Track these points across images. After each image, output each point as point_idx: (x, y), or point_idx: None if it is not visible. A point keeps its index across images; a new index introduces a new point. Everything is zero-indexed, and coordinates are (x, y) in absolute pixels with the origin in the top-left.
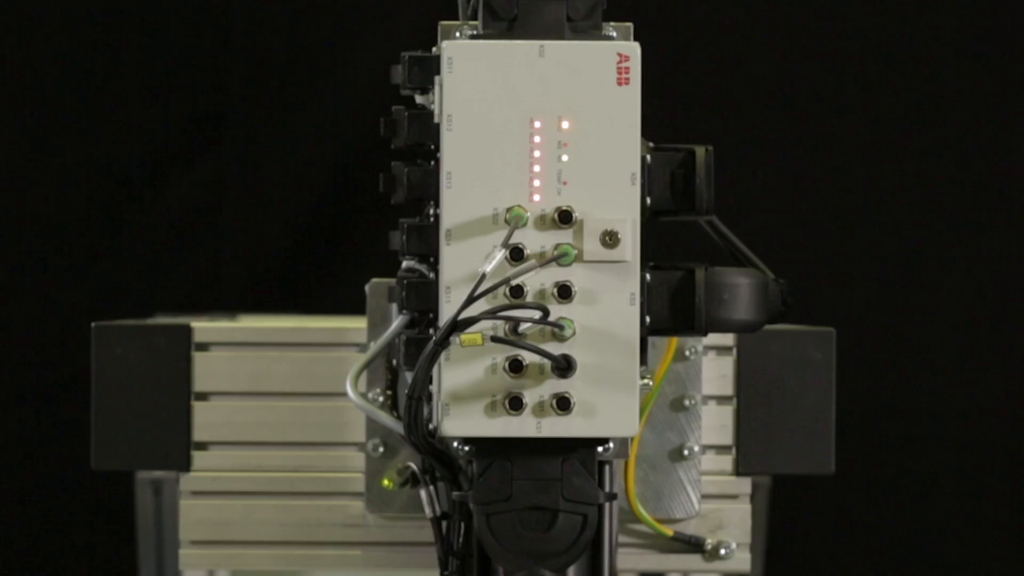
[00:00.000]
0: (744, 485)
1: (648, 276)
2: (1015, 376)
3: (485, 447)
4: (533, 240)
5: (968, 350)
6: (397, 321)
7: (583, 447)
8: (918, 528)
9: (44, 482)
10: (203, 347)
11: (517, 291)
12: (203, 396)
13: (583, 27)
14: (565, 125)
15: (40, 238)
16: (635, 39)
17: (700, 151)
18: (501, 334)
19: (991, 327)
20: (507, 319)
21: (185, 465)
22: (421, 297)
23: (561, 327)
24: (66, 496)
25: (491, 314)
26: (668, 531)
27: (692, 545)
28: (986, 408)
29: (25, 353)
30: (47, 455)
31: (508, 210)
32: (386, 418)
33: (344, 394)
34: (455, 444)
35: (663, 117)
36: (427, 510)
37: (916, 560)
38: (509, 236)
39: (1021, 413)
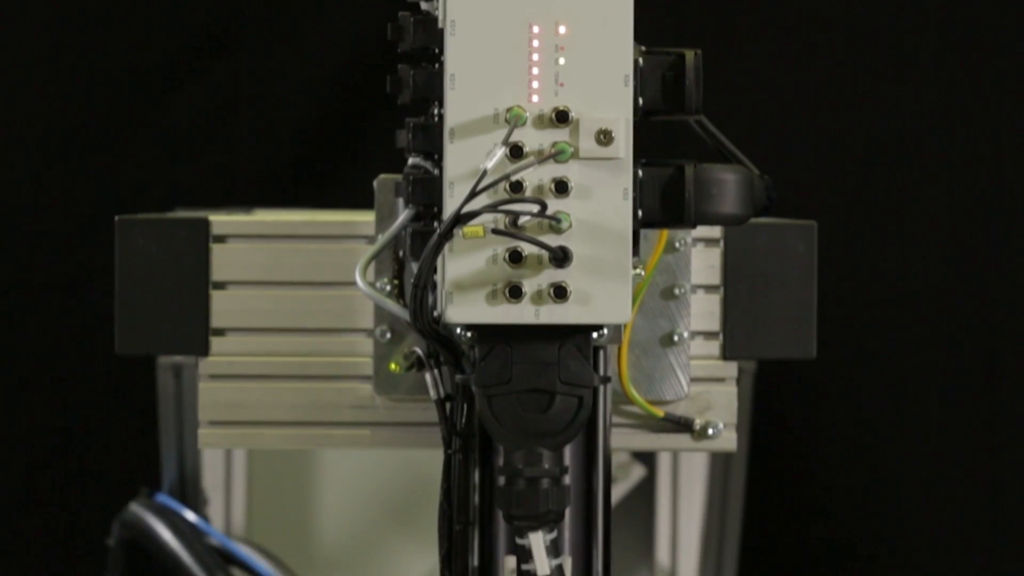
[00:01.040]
0: (730, 369)
1: (640, 172)
2: (989, 263)
3: (486, 333)
4: (532, 138)
5: (943, 240)
6: (403, 214)
7: (579, 333)
8: (895, 411)
9: (70, 368)
10: (220, 239)
11: (516, 186)
12: (220, 285)
13: None
14: (562, 30)
15: (66, 137)
16: None
17: (689, 54)
18: (501, 227)
19: (965, 217)
20: (507, 212)
21: (204, 350)
22: (426, 192)
23: (558, 220)
24: (91, 381)
25: (492, 208)
26: (659, 412)
27: (681, 425)
28: (959, 294)
29: (52, 245)
30: (73, 342)
31: (508, 110)
32: (393, 306)
33: (353, 283)
34: (458, 330)
35: (655, 22)
36: (432, 392)
37: (893, 440)
38: (509, 135)
39: (995, 299)
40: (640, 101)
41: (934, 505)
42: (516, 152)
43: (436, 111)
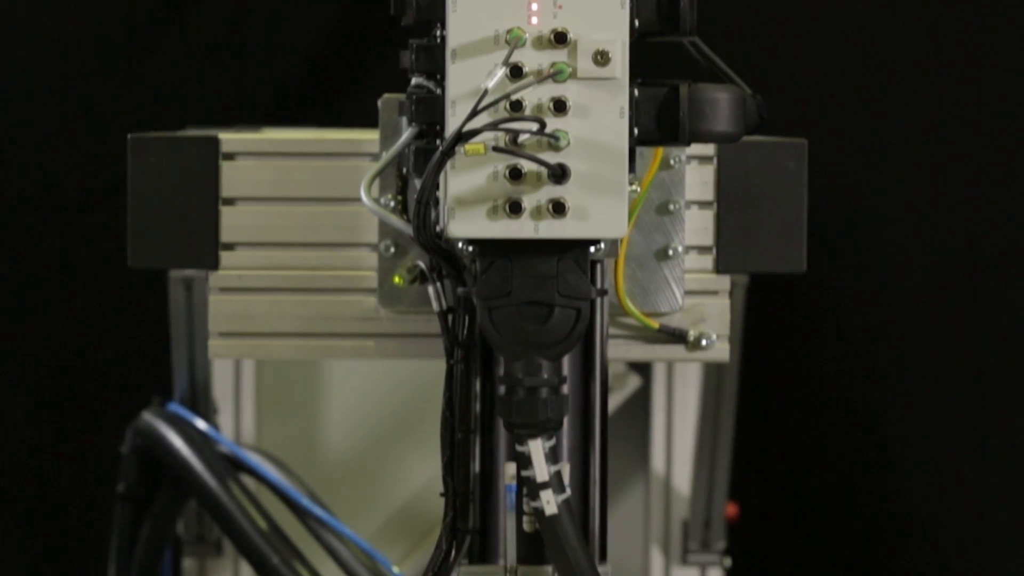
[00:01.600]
0: (723, 282)
1: (636, 92)
2: (973, 180)
3: (487, 247)
4: (531, 59)
5: (929, 158)
6: (407, 133)
7: (577, 247)
8: (882, 320)
9: (84, 283)
10: (230, 156)
11: (516, 105)
12: (230, 201)
13: None
14: None
15: (79, 59)
16: None
17: None
18: (502, 144)
19: (950, 136)
20: (507, 131)
21: (214, 264)
22: (429, 111)
23: (556, 138)
24: (105, 295)
25: (493, 126)
26: (654, 324)
27: (676, 337)
28: (944, 211)
29: (66, 164)
30: (87, 257)
31: (508, 31)
32: (397, 221)
33: (358, 199)
34: (460, 244)
35: None
36: (434, 305)
37: (879, 349)
38: (509, 55)
39: (978, 216)
40: (636, 23)
41: (919, 410)
42: (516, 72)
43: (438, 32)
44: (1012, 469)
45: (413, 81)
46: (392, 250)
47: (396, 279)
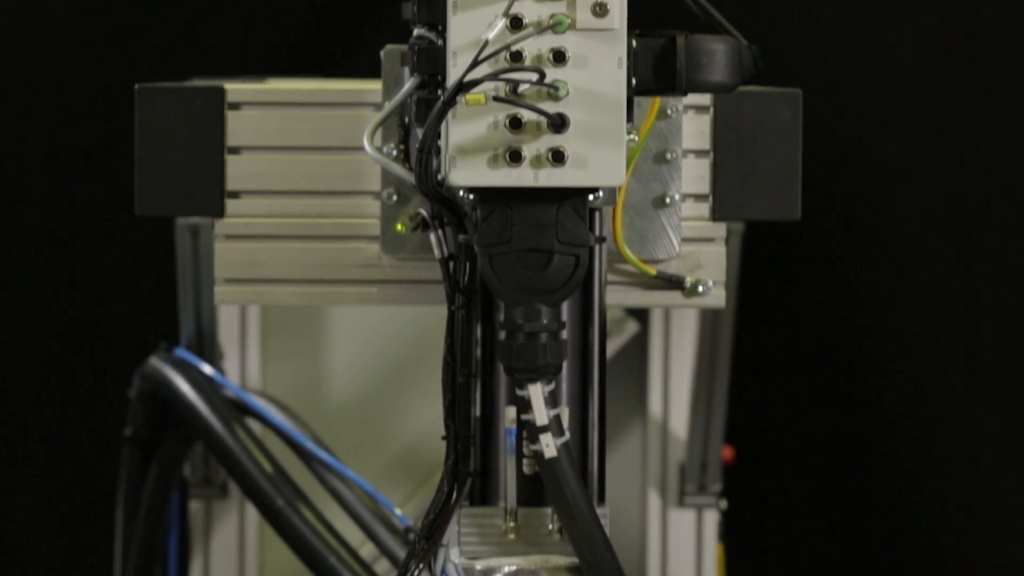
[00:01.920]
0: (719, 229)
1: (634, 43)
2: (965, 128)
3: (488, 195)
4: (531, 10)
5: (922, 107)
6: (409, 83)
7: (576, 195)
8: (875, 268)
9: (93, 231)
10: (235, 106)
11: (517, 56)
12: (235, 150)
13: None
14: None
15: (87, 8)
16: None
17: None
18: (502, 94)
19: (944, 82)
20: (508, 81)
21: (219, 211)
22: (430, 61)
23: (556, 88)
24: (113, 243)
25: (493, 76)
26: (651, 270)
27: (673, 283)
28: (937, 160)
29: (74, 114)
30: (96, 206)
31: None
32: (399, 169)
33: (361, 148)
34: (461, 192)
35: None
36: (436, 251)
37: (872, 296)
38: (509, 6)
39: (970, 164)
40: None
41: (912, 352)
42: (516, 23)
43: None
44: (1003, 400)
45: (415, 32)
46: (394, 198)
47: (398, 227)
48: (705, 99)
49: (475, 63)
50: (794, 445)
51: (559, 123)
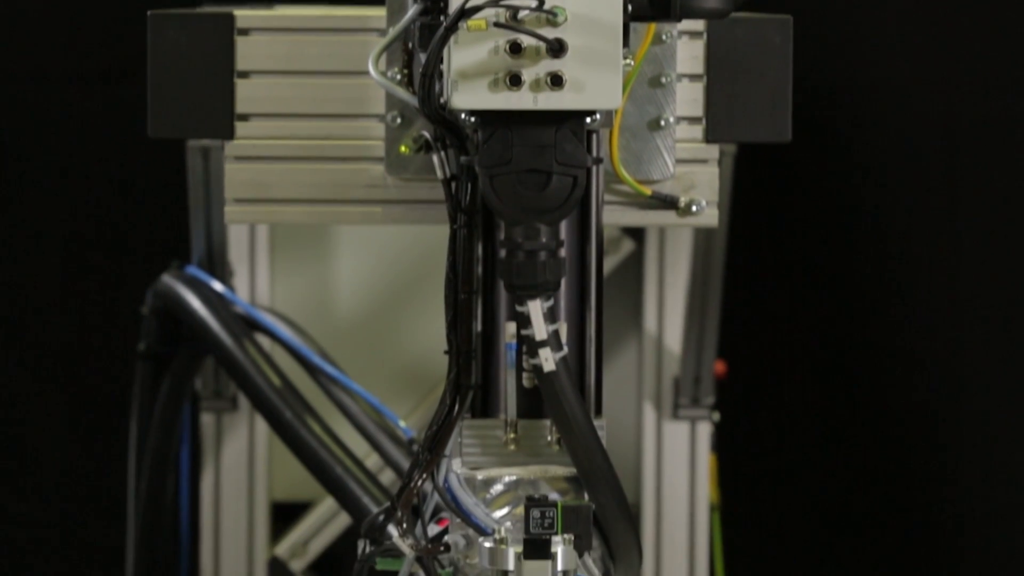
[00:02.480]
0: (712, 151)
1: None
2: (950, 53)
3: (488, 118)
4: None
5: (910, 32)
6: (412, 9)
7: (573, 118)
8: (862, 186)
9: (107, 153)
10: (244, 32)
11: None
12: (244, 74)
13: None
14: None
15: None
16: None
17: None
18: (503, 20)
19: (932, 8)
20: (508, 7)
21: (229, 134)
22: None
23: (555, 14)
24: (126, 164)
25: (494, 3)
26: (647, 191)
27: (667, 203)
28: (923, 83)
29: (89, 38)
30: (109, 128)
31: None
32: (403, 93)
33: (367, 72)
34: (463, 115)
35: None
36: (439, 172)
37: (859, 211)
38: None
39: (956, 89)
40: None
41: (897, 267)
42: None
43: None
44: (984, 310)
45: None
46: (398, 121)
47: (402, 148)
48: (699, 25)
49: None
50: (785, 359)
51: (557, 48)
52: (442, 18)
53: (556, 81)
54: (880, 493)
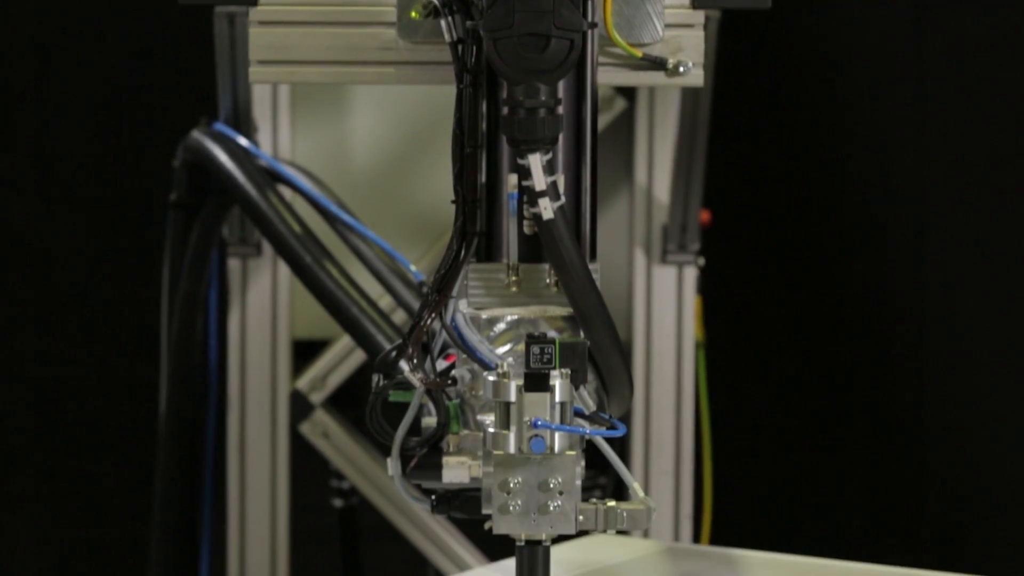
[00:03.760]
0: (699, 16)
1: None
2: None
3: None
4: None
5: None
6: None
7: None
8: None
9: (140, 20)
10: None
11: None
12: None
13: None
14: None
15: None
16: None
17: None
18: None
19: None
20: None
21: (253, 0)
22: None
23: None
24: (158, 30)
25: None
26: (638, 53)
27: (657, 64)
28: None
29: None
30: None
31: None
32: None
33: None
34: None
35: None
36: (446, 36)
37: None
38: None
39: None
40: None
41: (864, 122)
42: None
43: None
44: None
45: None
46: None
47: (413, 13)
48: None
49: None
50: (766, 208)
51: None
52: None
53: None
54: (855, 329)
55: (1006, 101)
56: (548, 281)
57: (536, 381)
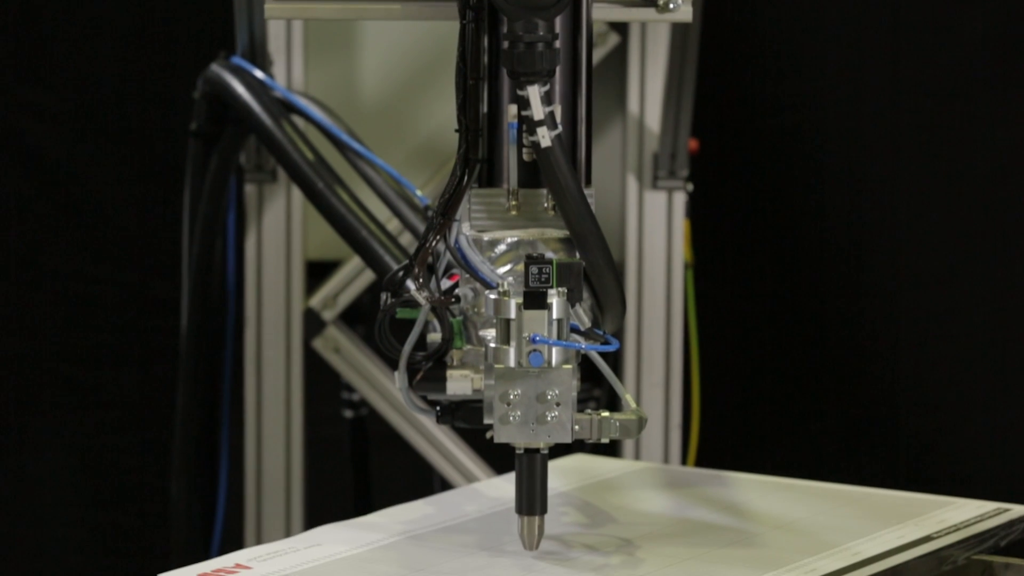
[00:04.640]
0: None
1: None
2: None
3: None
4: None
5: None
6: None
7: None
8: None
9: None
10: None
11: None
12: None
13: None
14: None
15: None
16: None
17: None
18: None
19: None
20: None
21: None
22: None
23: None
24: None
25: None
26: None
27: (648, 1)
28: None
29: None
30: None
31: None
32: None
33: None
34: None
35: None
36: None
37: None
38: None
39: None
40: None
41: (839, 95)
42: None
43: None
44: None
45: None
46: None
47: None
48: None
49: None
50: (750, 137)
51: None
52: None
53: None
54: (833, 250)
55: None
56: (546, 205)
57: (534, 299)
